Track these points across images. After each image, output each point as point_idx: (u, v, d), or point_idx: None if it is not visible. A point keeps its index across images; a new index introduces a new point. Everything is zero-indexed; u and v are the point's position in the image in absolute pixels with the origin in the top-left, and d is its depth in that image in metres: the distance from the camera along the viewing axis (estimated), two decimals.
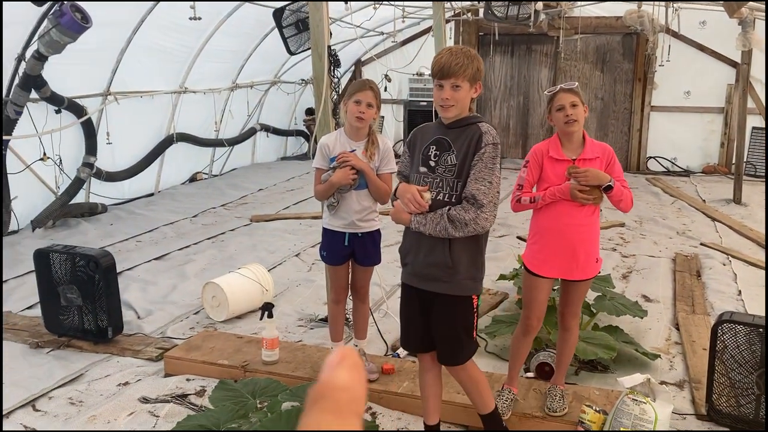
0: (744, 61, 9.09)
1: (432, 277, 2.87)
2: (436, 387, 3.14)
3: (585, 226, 3.34)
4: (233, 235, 7.35)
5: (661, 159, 11.94)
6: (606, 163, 3.38)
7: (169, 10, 7.59)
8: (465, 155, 2.79)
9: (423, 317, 2.98)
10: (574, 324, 3.54)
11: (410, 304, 3.03)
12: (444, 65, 2.76)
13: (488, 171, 2.76)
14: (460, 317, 2.93)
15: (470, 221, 2.73)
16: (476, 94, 2.87)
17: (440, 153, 2.84)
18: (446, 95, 2.78)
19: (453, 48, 2.83)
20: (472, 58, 2.80)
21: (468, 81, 2.78)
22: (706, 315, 5.02)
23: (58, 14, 5.95)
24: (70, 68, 7.11)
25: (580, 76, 12.18)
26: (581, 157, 3.34)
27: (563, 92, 3.32)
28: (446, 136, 2.85)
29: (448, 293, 2.87)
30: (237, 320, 4.89)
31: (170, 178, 9.75)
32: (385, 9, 9.72)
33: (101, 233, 7.25)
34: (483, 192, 2.74)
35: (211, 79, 9.91)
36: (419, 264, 2.91)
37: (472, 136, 2.80)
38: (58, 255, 4.36)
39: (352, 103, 3.53)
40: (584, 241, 3.34)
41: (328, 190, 3.59)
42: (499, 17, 7.42)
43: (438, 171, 2.84)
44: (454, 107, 2.81)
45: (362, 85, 3.56)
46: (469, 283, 2.89)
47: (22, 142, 6.90)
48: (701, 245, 7.07)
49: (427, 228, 2.78)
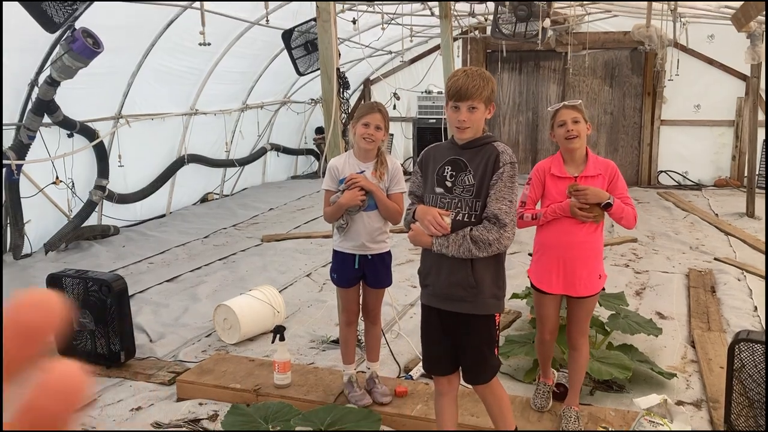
0: (753, 75, 9.06)
1: (455, 297, 2.86)
2: (452, 411, 3.11)
3: (586, 243, 3.35)
4: (244, 255, 7.37)
5: (672, 173, 11.89)
6: (608, 180, 3.39)
7: (180, 33, 7.68)
8: (483, 175, 2.79)
9: (445, 338, 2.97)
10: (582, 342, 3.51)
11: (432, 325, 3.01)
12: (461, 88, 2.77)
13: (508, 190, 2.77)
14: (484, 336, 2.92)
15: (494, 241, 2.73)
16: (490, 114, 2.88)
17: (456, 173, 2.84)
18: (463, 117, 2.79)
19: (468, 70, 2.84)
20: (487, 79, 2.82)
21: (483, 103, 2.80)
22: (722, 332, 4.96)
23: (70, 40, 6.02)
24: (82, 92, 7.19)
25: (589, 91, 12.18)
26: (583, 174, 3.36)
27: (566, 108, 3.36)
28: (461, 156, 2.85)
29: (472, 313, 2.87)
30: (249, 342, 4.88)
31: (182, 199, 9.80)
32: (393, 28, 9.79)
33: (113, 255, 7.28)
34: (505, 211, 2.75)
35: (222, 100, 9.99)
36: (441, 285, 2.89)
37: (489, 155, 2.80)
38: (70, 279, 4.38)
39: (360, 126, 3.54)
40: (585, 257, 3.35)
41: (337, 211, 3.59)
42: (507, 35, 7.44)
43: (455, 191, 2.84)
44: (470, 129, 2.82)
45: (370, 108, 3.56)
46: (492, 302, 2.89)
47: (35, 167, 6.96)
48: (715, 260, 7.00)
49: (450, 250, 2.78)
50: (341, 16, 8.04)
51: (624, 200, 3.40)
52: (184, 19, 7.49)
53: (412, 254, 7.32)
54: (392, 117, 13.50)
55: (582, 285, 3.35)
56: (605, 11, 10.16)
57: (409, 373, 4.26)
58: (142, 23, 7.31)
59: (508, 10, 7.15)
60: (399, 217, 3.71)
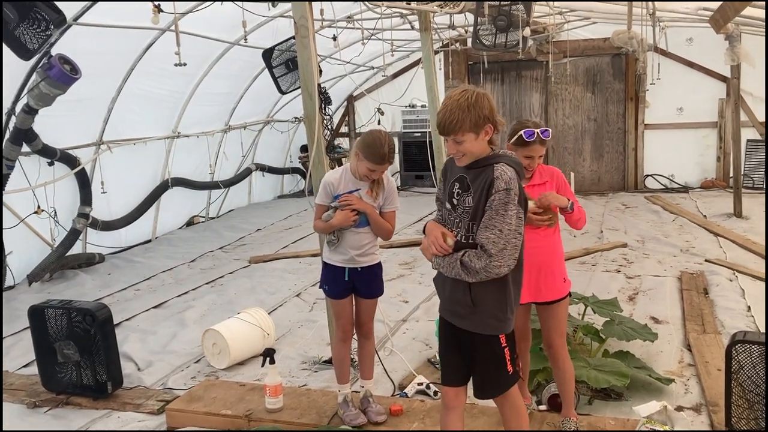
0: (734, 75, 9.12)
1: (456, 313, 2.88)
2: (458, 426, 3.04)
3: (545, 247, 3.38)
4: (232, 278, 7.27)
5: (658, 176, 11.93)
6: (557, 184, 3.46)
7: (159, 57, 7.61)
8: (479, 199, 2.74)
9: (458, 349, 2.95)
10: (561, 352, 3.48)
11: (446, 334, 3.01)
12: (440, 123, 2.72)
13: (499, 218, 2.67)
14: (488, 355, 2.87)
15: (480, 269, 2.68)
16: (488, 136, 2.75)
17: (461, 192, 2.82)
18: (452, 150, 2.78)
19: (450, 101, 2.71)
20: (470, 107, 2.67)
21: (470, 131, 2.69)
22: (717, 334, 4.92)
23: (47, 67, 5.94)
24: (62, 119, 7.10)
25: (572, 98, 12.23)
26: (530, 184, 3.42)
27: (539, 144, 3.36)
28: (467, 175, 2.82)
29: (471, 329, 2.84)
30: (239, 367, 4.78)
31: (167, 223, 9.69)
32: (374, 44, 9.78)
33: (99, 284, 7.16)
34: (492, 241, 2.66)
35: (204, 122, 9.92)
36: (446, 299, 2.93)
37: (486, 179, 2.72)
38: (53, 310, 4.27)
39: (365, 167, 3.49)
40: (546, 262, 3.39)
41: (327, 229, 3.60)
42: (488, 45, 7.43)
43: (458, 211, 2.83)
44: (465, 157, 2.77)
45: (381, 159, 3.45)
46: (492, 322, 2.82)
47: (15, 197, 6.84)
48: (706, 262, 6.98)
49: (444, 270, 2.81)
50: (321, 33, 8.01)
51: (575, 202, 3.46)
52: (162, 42, 7.44)
53: (402, 269, 7.25)
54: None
55: (547, 289, 3.39)
56: (584, 18, 10.22)
57: (404, 391, 4.18)
58: (120, 48, 7.24)
59: (487, 21, 7.15)
60: (390, 235, 3.71)
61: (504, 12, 7.12)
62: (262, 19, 7.52)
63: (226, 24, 7.66)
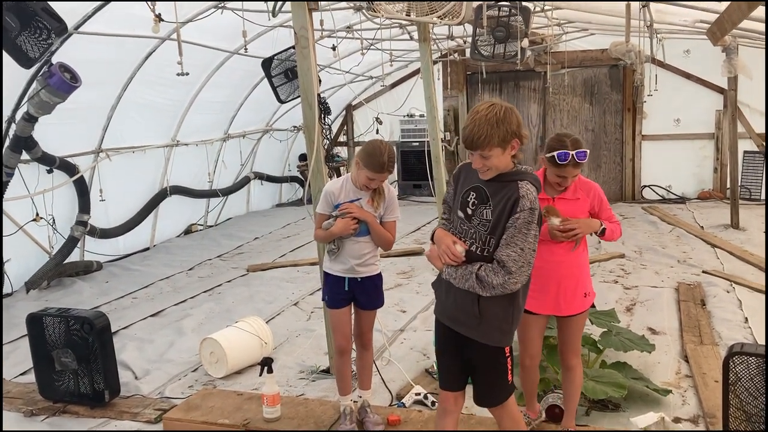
0: (731, 87, 9.17)
1: (460, 321, 2.86)
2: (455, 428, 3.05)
3: (567, 261, 3.35)
4: (230, 286, 7.26)
5: (656, 187, 11.96)
6: (592, 202, 3.41)
7: (159, 65, 7.64)
8: (500, 214, 2.73)
9: (458, 352, 2.94)
10: (576, 363, 3.48)
11: (444, 336, 2.99)
12: (467, 138, 2.71)
13: (521, 237, 2.68)
14: (491, 362, 2.88)
15: (498, 285, 2.69)
16: (514, 150, 2.75)
17: (478, 203, 2.80)
18: (477, 165, 2.76)
19: (478, 116, 2.70)
20: (499, 122, 2.67)
21: (497, 147, 2.68)
22: (715, 345, 4.93)
23: (47, 75, 5.95)
24: (61, 127, 7.11)
25: (570, 109, 12.27)
26: (561, 197, 3.37)
27: (573, 167, 3.29)
28: (486, 187, 2.79)
29: (476, 339, 2.84)
30: (237, 376, 4.78)
31: (165, 231, 9.69)
32: (373, 53, 9.82)
33: (97, 291, 7.15)
34: (513, 259, 2.67)
35: (203, 130, 9.94)
36: (450, 305, 2.90)
37: (510, 196, 2.71)
38: (51, 318, 4.27)
39: (364, 176, 3.51)
40: (568, 276, 3.35)
41: (328, 238, 3.61)
42: (486, 56, 7.46)
43: (473, 222, 2.81)
44: (490, 171, 2.76)
45: (380, 167, 3.47)
46: (497, 335, 2.82)
47: (14, 204, 6.84)
48: (703, 273, 7.00)
49: (456, 281, 2.79)
50: (320, 43, 8.04)
51: (610, 219, 3.42)
52: (162, 51, 7.47)
53: (400, 279, 7.26)
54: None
55: (567, 304, 3.35)
56: (582, 30, 10.27)
57: (401, 401, 4.18)
58: (120, 56, 7.26)
59: (486, 31, 7.19)
60: (390, 245, 3.72)
61: (502, 23, 7.16)
62: (262, 29, 7.55)
63: (226, 33, 7.69)
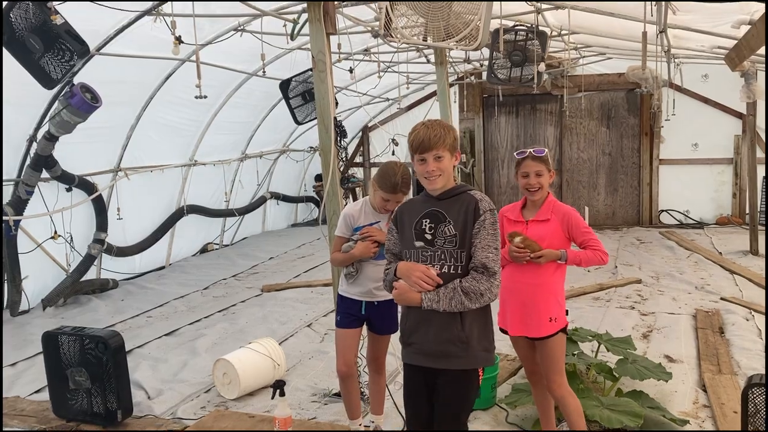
0: (749, 113, 9.12)
1: (444, 354, 2.78)
2: None
3: (535, 285, 3.41)
4: (244, 306, 7.27)
5: (673, 212, 11.86)
6: (565, 225, 3.44)
7: (178, 86, 7.73)
8: (464, 224, 2.76)
9: (428, 397, 2.89)
10: (560, 393, 3.45)
11: (416, 385, 2.91)
12: (423, 139, 2.79)
13: (492, 237, 2.76)
14: (465, 393, 2.83)
15: (485, 291, 2.70)
16: (457, 161, 2.89)
17: (436, 225, 2.80)
18: (431, 167, 2.79)
19: (427, 122, 2.86)
20: (448, 128, 2.84)
21: (448, 150, 2.81)
22: (734, 374, 4.85)
23: (69, 95, 6.05)
24: (81, 146, 7.21)
25: (587, 132, 12.25)
26: (534, 219, 3.46)
27: (531, 160, 3.44)
28: (438, 207, 2.83)
29: (461, 368, 2.79)
30: (249, 397, 4.77)
31: (181, 250, 9.75)
32: (390, 76, 9.89)
33: (112, 310, 7.19)
34: (492, 260, 2.73)
35: (221, 150, 10.03)
36: (430, 342, 2.80)
37: (468, 204, 2.79)
38: (66, 337, 4.29)
39: (380, 197, 3.54)
40: (534, 300, 3.40)
41: (348, 260, 3.63)
42: (502, 79, 7.49)
43: (437, 243, 2.80)
44: (441, 177, 2.81)
45: (393, 188, 3.49)
46: (483, 355, 2.84)
47: (33, 222, 6.93)
48: (722, 300, 6.90)
49: (441, 304, 2.70)
50: (338, 65, 8.12)
51: (588, 242, 3.45)
52: (182, 72, 7.56)
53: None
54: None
55: (533, 327, 3.40)
56: (599, 54, 10.28)
57: None
58: (140, 77, 7.37)
59: (502, 55, 7.22)
60: None
61: (519, 47, 7.19)
62: (280, 51, 7.64)
63: (245, 55, 7.79)
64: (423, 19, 4.23)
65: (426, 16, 4.22)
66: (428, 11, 4.21)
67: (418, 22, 4.27)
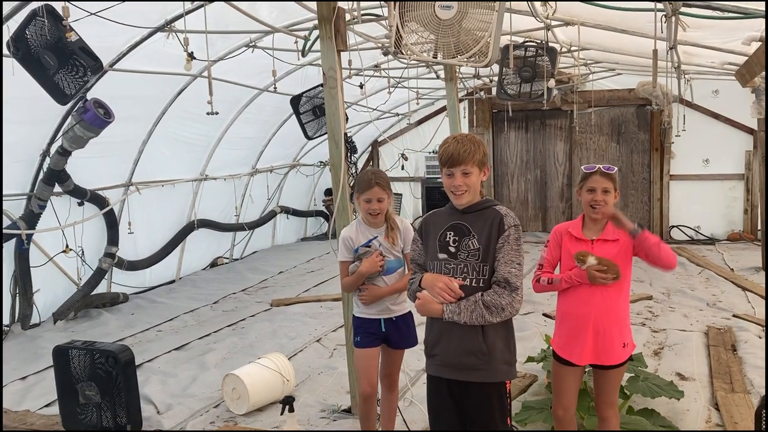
0: (761, 128, 9.09)
1: (466, 366, 2.79)
2: None
3: (606, 311, 3.24)
4: (254, 321, 7.28)
5: (684, 228, 11.80)
6: (630, 244, 3.27)
7: (190, 101, 7.79)
8: (488, 238, 2.78)
9: (456, 409, 2.88)
10: (610, 414, 3.39)
11: (440, 397, 2.92)
12: (453, 154, 2.81)
13: (515, 253, 2.76)
14: (496, 405, 2.83)
15: (506, 305, 2.71)
16: (485, 177, 2.90)
17: (460, 238, 2.82)
18: (458, 182, 2.82)
19: (459, 136, 2.88)
20: (478, 144, 2.85)
21: (477, 166, 2.82)
22: (747, 393, 4.79)
23: (82, 110, 6.11)
24: (93, 161, 7.26)
25: (596, 148, 12.24)
26: (600, 238, 3.30)
27: (600, 175, 3.29)
28: (463, 221, 2.85)
29: (484, 381, 2.79)
30: (258, 413, 4.75)
31: (192, 264, 9.78)
32: (400, 91, 9.93)
33: (122, 324, 7.22)
34: (515, 275, 2.74)
35: (232, 165, 10.08)
36: (451, 353, 2.82)
37: (492, 219, 2.80)
38: (77, 351, 4.31)
39: (363, 202, 3.59)
40: (606, 326, 3.25)
41: (359, 280, 3.64)
42: (512, 95, 7.51)
43: (460, 256, 2.82)
44: (467, 193, 2.83)
45: (368, 184, 3.57)
46: (505, 368, 2.83)
47: (45, 236, 6.98)
48: (734, 317, 6.84)
49: (462, 317, 2.74)
50: (348, 81, 8.16)
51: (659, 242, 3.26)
52: (194, 87, 7.62)
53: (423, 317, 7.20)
54: (401, 177, 13.45)
55: (605, 354, 3.25)
56: (609, 70, 10.29)
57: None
58: (153, 93, 7.44)
59: (512, 71, 7.24)
60: None
61: (529, 63, 7.21)
62: (291, 67, 7.69)
63: (256, 71, 7.84)
64: (433, 36, 4.25)
65: (436, 33, 4.24)
66: (438, 28, 4.24)
67: (429, 38, 4.29)
